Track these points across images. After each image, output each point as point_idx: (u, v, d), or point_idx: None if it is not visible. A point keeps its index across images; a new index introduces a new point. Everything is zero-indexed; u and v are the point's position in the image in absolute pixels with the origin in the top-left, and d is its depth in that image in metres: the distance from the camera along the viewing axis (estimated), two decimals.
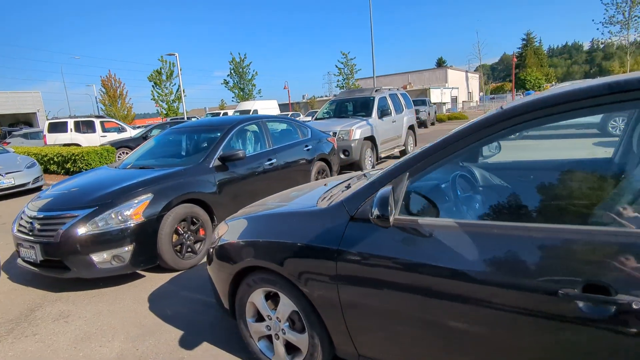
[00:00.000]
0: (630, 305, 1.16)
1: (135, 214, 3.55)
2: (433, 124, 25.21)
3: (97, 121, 15.50)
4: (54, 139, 14.65)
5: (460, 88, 56.30)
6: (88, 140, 14.66)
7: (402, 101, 10.64)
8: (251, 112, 21.78)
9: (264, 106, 25.08)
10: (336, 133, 7.89)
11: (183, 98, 26.50)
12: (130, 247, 3.50)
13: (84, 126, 15.16)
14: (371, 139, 8.52)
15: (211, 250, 2.56)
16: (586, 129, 2.29)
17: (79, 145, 13.71)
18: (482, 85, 71.39)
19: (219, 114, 27.48)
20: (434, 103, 29.39)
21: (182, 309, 3.15)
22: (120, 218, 3.50)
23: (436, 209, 1.88)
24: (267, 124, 5.59)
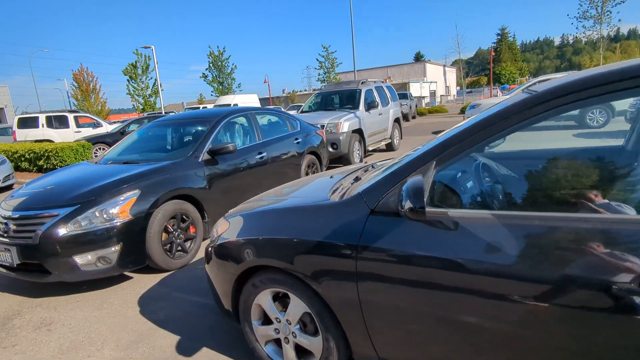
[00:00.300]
0: None
1: (122, 211, 3.31)
2: (414, 117, 25.35)
3: (70, 116, 14.84)
4: (24, 135, 13.96)
5: (438, 82, 57.02)
6: (61, 136, 14.03)
7: (388, 94, 10.56)
8: (231, 106, 21.30)
9: (244, 100, 24.60)
10: (324, 126, 7.73)
11: (160, 92, 25.74)
12: (117, 248, 3.26)
13: (57, 121, 14.49)
14: (359, 131, 8.40)
15: (210, 249, 2.39)
16: (565, 121, 2.21)
17: (51, 141, 13.07)
18: (460, 80, 72.51)
19: (198, 108, 26.88)
20: (414, 97, 29.56)
21: (176, 311, 2.95)
22: (105, 216, 3.25)
23: (460, 200, 1.77)
24: (256, 116, 5.38)
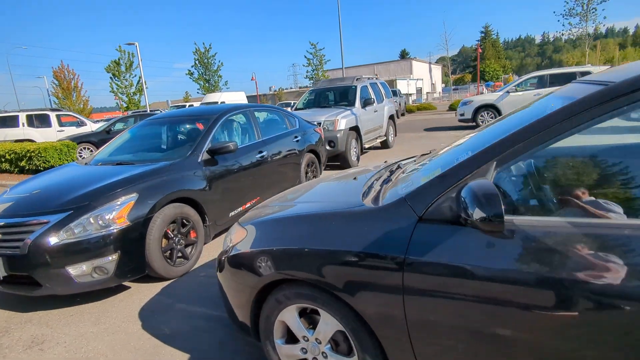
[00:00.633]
0: None
1: (119, 217, 3.05)
2: (403, 114, 25.30)
3: (52, 115, 14.27)
4: (3, 134, 13.37)
5: (424, 79, 57.30)
6: (43, 136, 13.47)
7: (382, 90, 10.41)
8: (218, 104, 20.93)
9: (231, 98, 24.25)
10: (320, 123, 7.52)
11: (145, 90, 25.09)
12: (115, 257, 3.01)
13: (38, 120, 13.90)
14: (355, 129, 8.21)
15: (223, 258, 2.17)
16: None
17: (32, 141, 12.53)
18: (446, 77, 73.07)
19: (184, 106, 26.36)
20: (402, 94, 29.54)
21: (183, 325, 2.72)
22: (100, 223, 2.99)
23: (526, 205, 1.60)
24: (254, 113, 5.15)
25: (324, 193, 2.32)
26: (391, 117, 10.67)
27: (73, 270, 2.91)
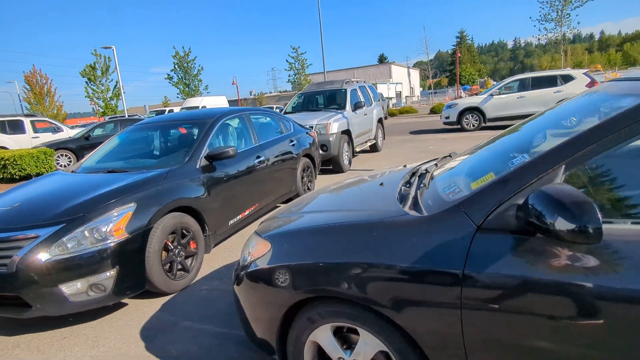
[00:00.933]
0: None
1: (117, 229, 2.82)
2: (386, 117, 25.43)
3: (26, 120, 13.60)
4: None
5: (403, 83, 58.05)
6: (17, 143, 12.80)
7: (370, 94, 10.37)
8: (199, 109, 20.54)
9: (212, 102, 23.86)
10: (312, 127, 7.38)
11: (123, 95, 24.38)
12: (113, 272, 2.77)
13: (11, 127, 13.21)
14: (347, 132, 8.11)
15: (242, 273, 2.00)
16: None
17: (5, 148, 11.91)
18: (424, 81, 74.27)
19: (164, 111, 25.76)
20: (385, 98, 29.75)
21: (191, 345, 2.51)
22: (96, 236, 2.76)
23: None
24: (250, 117, 4.96)
25: (352, 200, 2.17)
26: (380, 121, 10.64)
27: (67, 289, 2.66)
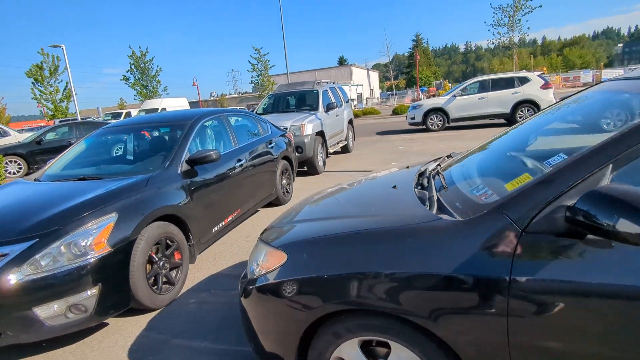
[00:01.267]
0: None
1: (97, 242, 2.56)
2: None
3: None
4: None
5: (364, 85, 58.94)
6: None
7: (341, 95, 10.37)
8: (159, 112, 19.75)
9: (173, 104, 23.00)
10: (287, 128, 7.23)
11: (74, 96, 22.91)
12: (94, 290, 2.51)
13: None
14: (321, 134, 8.03)
15: (250, 287, 1.85)
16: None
17: None
18: (384, 82, 75.82)
19: (120, 114, 24.55)
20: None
21: None
22: (74, 251, 2.48)
23: None
24: (228, 118, 4.75)
25: (367, 204, 2.06)
26: (350, 122, 10.66)
27: (42, 312, 2.37)
